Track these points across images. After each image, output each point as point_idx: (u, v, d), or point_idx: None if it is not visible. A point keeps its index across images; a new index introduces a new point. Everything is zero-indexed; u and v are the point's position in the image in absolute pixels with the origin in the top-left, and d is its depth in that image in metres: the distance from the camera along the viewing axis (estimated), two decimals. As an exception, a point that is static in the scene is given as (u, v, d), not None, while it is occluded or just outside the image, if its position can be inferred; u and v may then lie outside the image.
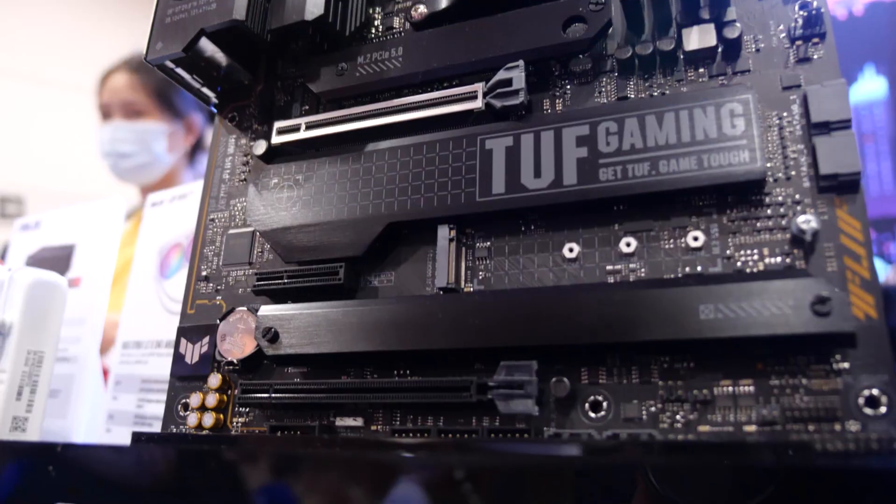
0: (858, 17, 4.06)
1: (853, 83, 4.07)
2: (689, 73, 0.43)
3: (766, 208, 0.39)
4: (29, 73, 4.11)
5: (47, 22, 4.17)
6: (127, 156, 1.46)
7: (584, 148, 0.42)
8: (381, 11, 0.54)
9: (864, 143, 4.00)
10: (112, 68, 1.52)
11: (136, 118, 1.47)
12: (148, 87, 1.46)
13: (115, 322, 0.89)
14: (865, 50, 4.05)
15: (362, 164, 0.47)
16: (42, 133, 4.16)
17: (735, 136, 0.39)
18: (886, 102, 4.00)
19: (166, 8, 0.51)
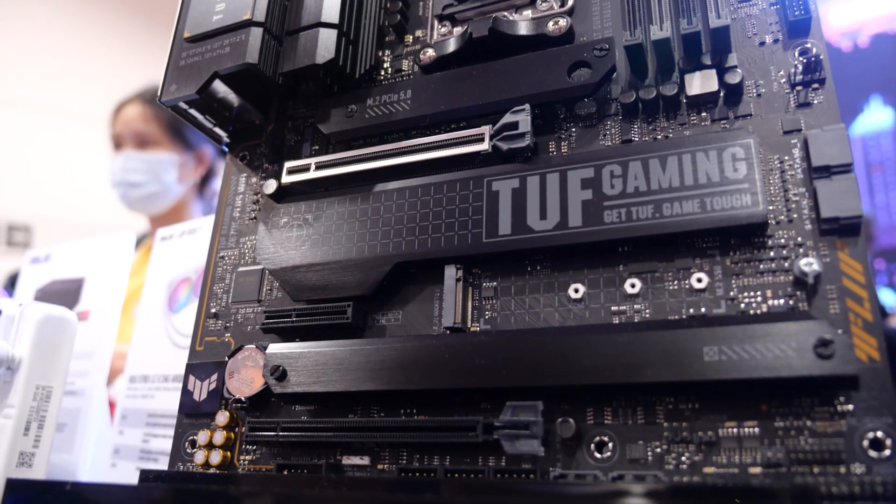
0: (864, 48, 4.09)
1: (859, 114, 4.09)
2: (692, 116, 0.44)
3: (769, 250, 0.39)
4: (40, 104, 4.17)
5: (60, 53, 4.24)
6: (137, 185, 1.48)
7: (588, 190, 0.42)
8: (390, 54, 0.55)
9: (872, 173, 4.01)
10: (126, 100, 1.55)
11: (148, 149, 1.49)
12: (160, 119, 1.49)
13: (121, 353, 0.90)
14: (871, 81, 4.08)
15: (371, 203, 0.48)
16: (50, 162, 4.21)
17: (737, 179, 0.39)
18: (894, 133, 4.01)
19: (181, 51, 0.53)
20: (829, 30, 4.20)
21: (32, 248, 4.29)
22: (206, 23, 0.52)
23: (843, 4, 4.23)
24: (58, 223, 4.24)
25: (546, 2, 0.50)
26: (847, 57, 4.12)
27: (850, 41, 4.14)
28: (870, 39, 4.10)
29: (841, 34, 4.18)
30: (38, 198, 4.19)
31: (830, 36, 4.16)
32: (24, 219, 4.14)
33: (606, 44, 0.45)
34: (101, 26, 4.45)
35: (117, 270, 0.80)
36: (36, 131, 4.09)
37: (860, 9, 4.18)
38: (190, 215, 1.58)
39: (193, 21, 0.53)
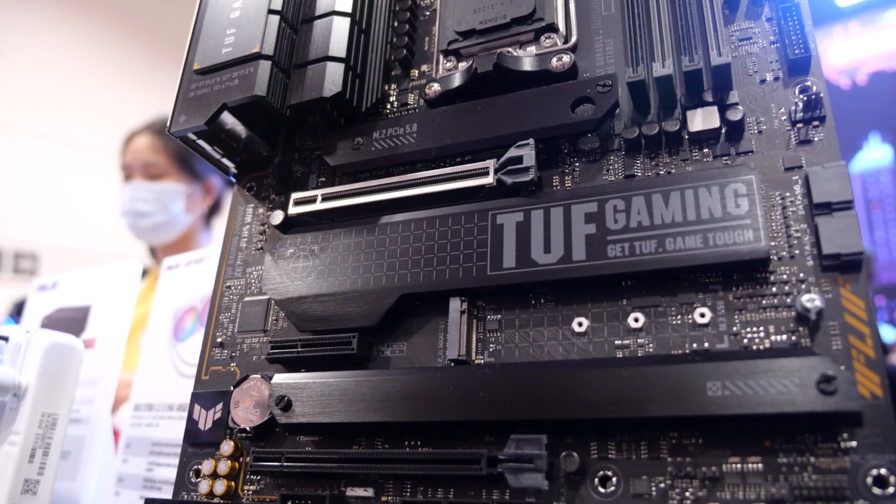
0: (862, 86, 4.13)
1: (859, 151, 4.11)
2: (694, 152, 0.45)
3: (771, 286, 0.40)
4: (48, 133, 4.21)
5: (68, 82, 4.29)
6: (145, 215, 1.49)
7: (592, 225, 0.43)
8: (396, 88, 0.56)
9: (872, 210, 4.02)
10: (135, 131, 1.57)
11: (156, 179, 1.51)
12: (168, 150, 1.51)
13: (126, 381, 0.90)
14: (870, 118, 4.11)
15: (376, 235, 0.49)
16: (57, 191, 4.24)
17: (739, 215, 0.40)
18: (893, 170, 4.03)
19: (190, 83, 0.54)
20: (828, 67, 4.25)
21: (39, 275, 4.30)
22: (216, 55, 0.53)
23: (841, 43, 4.28)
24: (64, 251, 4.26)
25: (550, 38, 0.51)
26: (846, 94, 4.16)
27: (849, 79, 4.18)
28: (868, 77, 4.14)
29: (839, 72, 4.22)
30: (44, 226, 4.21)
31: (829, 74, 4.20)
32: (31, 246, 4.15)
33: (609, 80, 0.46)
34: (111, 56, 4.51)
35: (123, 299, 0.80)
36: (43, 160, 4.13)
37: (858, 47, 4.23)
38: (197, 245, 1.59)
39: (203, 53, 0.54)
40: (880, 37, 4.21)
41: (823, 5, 4.26)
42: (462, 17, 0.53)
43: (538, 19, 0.51)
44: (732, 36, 0.47)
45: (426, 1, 0.59)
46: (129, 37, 4.63)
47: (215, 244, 1.60)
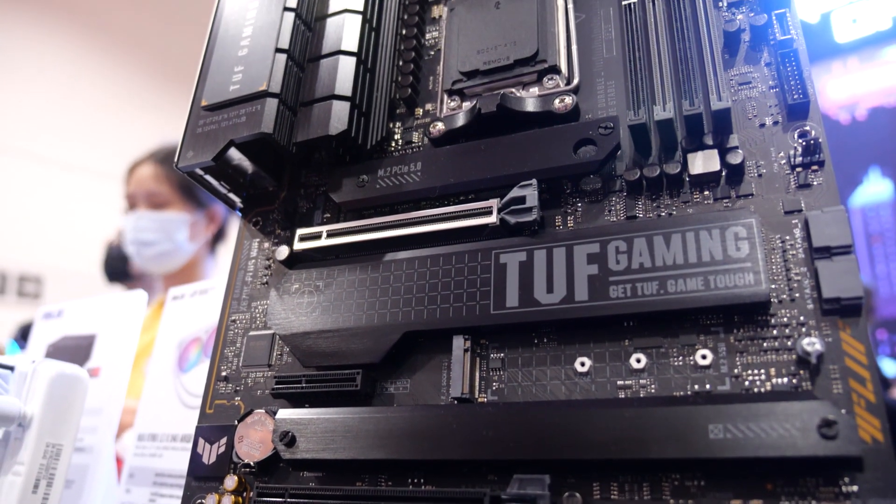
0: (861, 121, 4.16)
1: (859, 185, 4.13)
2: (695, 194, 0.45)
3: (772, 329, 0.40)
4: (53, 157, 4.24)
5: (73, 107, 4.33)
6: (150, 244, 1.50)
7: (594, 265, 0.43)
8: (400, 126, 0.57)
9: (872, 244, 4.03)
10: (139, 160, 1.58)
11: (160, 208, 1.52)
12: (172, 179, 1.52)
13: (130, 408, 0.90)
14: (870, 153, 4.13)
15: (381, 272, 0.49)
16: (62, 215, 4.26)
17: (740, 258, 0.40)
18: (893, 204, 4.05)
19: (198, 119, 0.55)
20: (828, 102, 4.28)
21: (43, 298, 4.31)
22: (224, 92, 0.54)
23: (840, 78, 4.32)
24: (69, 275, 4.26)
25: (552, 79, 0.52)
26: (845, 129, 4.19)
27: (848, 114, 4.22)
28: (867, 113, 4.18)
29: (839, 107, 4.25)
30: (49, 249, 4.23)
31: (829, 109, 4.24)
32: (36, 270, 4.16)
33: (611, 122, 0.47)
34: (117, 81, 4.56)
35: (129, 328, 0.81)
36: (48, 184, 4.16)
37: (857, 83, 4.27)
38: (202, 272, 1.60)
39: (211, 89, 0.55)
40: (879, 73, 4.26)
41: (822, 41, 4.31)
42: (466, 58, 0.54)
43: (541, 61, 0.52)
44: (732, 80, 0.48)
45: (431, 41, 0.60)
46: (135, 62, 4.68)
47: (220, 275, 1.60)
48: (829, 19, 4.32)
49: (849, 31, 4.32)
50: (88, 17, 4.48)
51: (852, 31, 4.31)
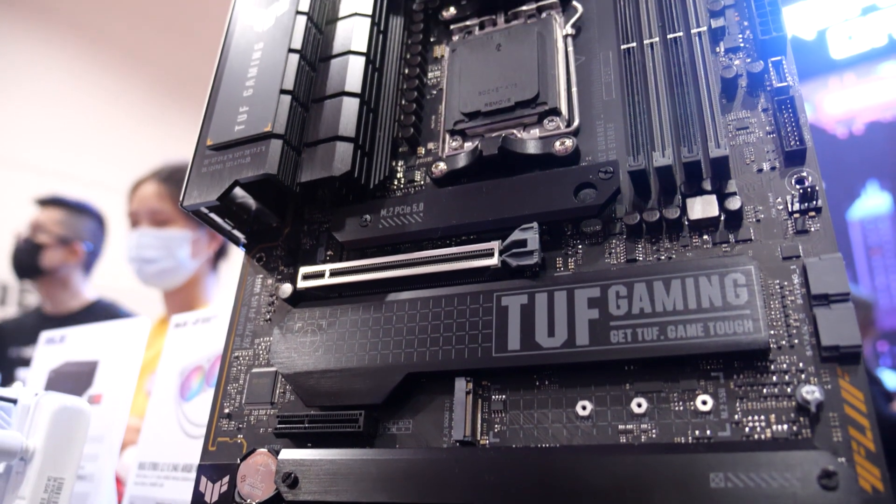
0: (859, 136, 4.18)
1: (857, 198, 4.15)
2: (694, 238, 0.46)
3: (772, 375, 0.40)
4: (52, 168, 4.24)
5: (73, 119, 4.34)
6: (152, 261, 1.52)
7: (595, 310, 0.44)
8: (403, 164, 0.58)
9: (872, 256, 4.05)
10: (141, 179, 1.60)
11: (162, 226, 1.53)
12: (174, 197, 1.54)
13: (133, 426, 0.90)
14: (868, 167, 4.16)
15: (383, 313, 0.50)
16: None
17: (739, 305, 0.41)
18: (891, 217, 4.07)
19: (203, 159, 0.55)
20: (825, 117, 4.31)
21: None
22: (229, 132, 0.55)
23: (837, 93, 4.34)
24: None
25: (553, 122, 0.53)
26: (843, 143, 4.22)
27: (846, 128, 4.24)
28: (864, 127, 4.20)
29: (836, 121, 4.28)
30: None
31: (826, 123, 4.26)
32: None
33: (611, 167, 0.47)
34: (118, 93, 4.57)
35: (131, 355, 0.81)
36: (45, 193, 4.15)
37: (854, 98, 4.30)
38: (204, 290, 1.61)
39: (216, 129, 0.56)
40: (875, 88, 4.28)
41: (819, 57, 4.34)
42: (468, 99, 0.55)
43: (541, 103, 0.53)
44: (730, 125, 0.48)
45: (433, 80, 0.61)
46: (136, 75, 4.69)
47: (221, 293, 1.61)
48: (825, 36, 4.36)
49: (845, 48, 4.35)
50: (89, 31, 4.49)
51: (848, 47, 4.34)
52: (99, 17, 4.52)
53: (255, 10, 0.60)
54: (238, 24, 0.60)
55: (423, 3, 0.64)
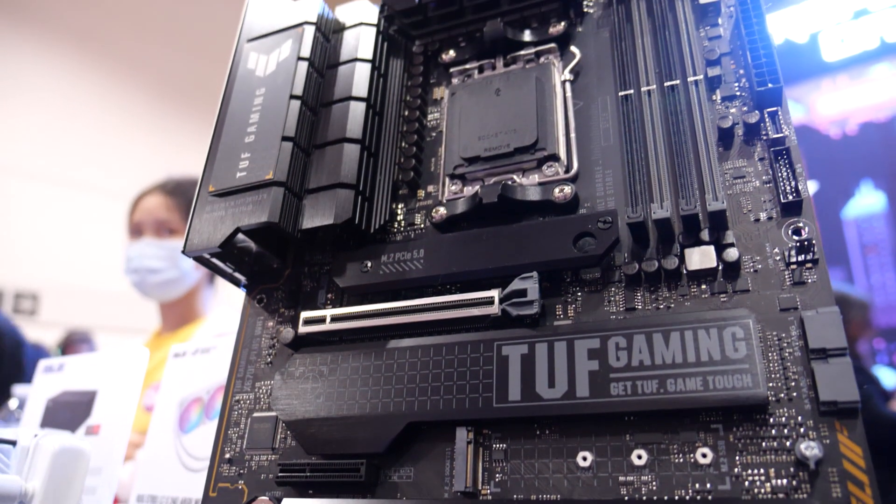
0: (852, 136, 4.21)
1: (851, 198, 4.17)
2: (693, 288, 0.46)
3: (771, 428, 0.41)
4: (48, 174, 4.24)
5: (70, 125, 4.33)
6: (156, 271, 1.52)
7: (595, 361, 0.44)
8: (403, 207, 0.58)
9: (867, 254, 4.07)
10: (145, 191, 1.60)
11: (168, 236, 1.54)
12: (181, 209, 1.55)
13: (134, 442, 0.91)
14: (862, 166, 4.18)
15: (384, 360, 0.50)
16: (58, 231, 4.25)
17: (738, 359, 0.41)
18: (886, 215, 4.10)
19: (205, 204, 0.55)
20: (818, 118, 4.33)
21: (39, 315, 4.28)
22: (230, 179, 0.55)
23: (830, 95, 4.37)
24: (65, 292, 4.25)
25: (551, 167, 0.53)
26: (837, 144, 4.24)
27: (839, 129, 4.27)
28: (858, 127, 4.22)
29: (830, 122, 4.31)
30: (46, 266, 4.22)
31: (819, 124, 4.28)
32: (32, 286, 4.15)
33: (609, 217, 0.48)
34: (117, 100, 4.57)
35: (130, 385, 0.81)
36: (45, 200, 4.15)
37: (847, 99, 4.33)
38: (200, 302, 1.61)
39: (218, 176, 0.56)
40: (868, 89, 4.31)
41: (811, 60, 4.36)
42: (468, 144, 0.55)
43: (540, 149, 0.53)
44: (727, 173, 0.49)
45: (433, 121, 0.62)
46: (135, 81, 4.69)
47: (217, 306, 1.61)
48: (817, 39, 4.38)
49: (837, 50, 4.38)
50: (90, 40, 4.49)
51: (840, 50, 4.36)
52: (100, 26, 4.51)
53: (256, 55, 0.60)
54: (240, 68, 0.60)
55: (423, 45, 0.64)
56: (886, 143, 4.19)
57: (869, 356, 3.54)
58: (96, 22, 4.53)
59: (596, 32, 0.59)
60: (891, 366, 3.84)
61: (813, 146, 4.17)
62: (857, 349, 2.55)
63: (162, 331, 1.63)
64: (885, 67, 4.39)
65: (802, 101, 4.37)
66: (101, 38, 4.57)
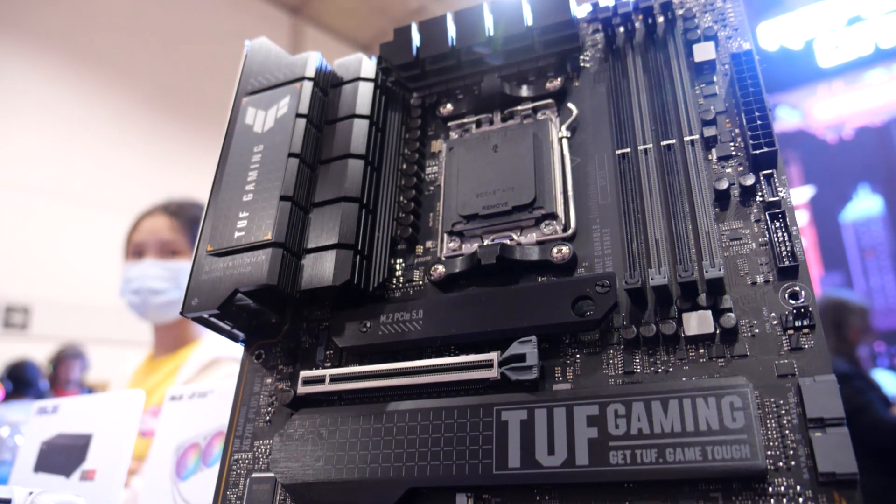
0: (848, 141, 4.22)
1: (849, 202, 4.19)
2: (691, 351, 0.46)
3: (770, 498, 0.41)
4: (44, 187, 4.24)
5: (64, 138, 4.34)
6: (159, 292, 1.52)
7: (594, 428, 0.44)
8: (402, 263, 0.58)
9: (866, 258, 4.08)
10: (147, 212, 1.60)
11: (171, 257, 1.53)
12: (185, 230, 1.55)
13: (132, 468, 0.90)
14: (859, 171, 4.20)
15: (384, 423, 0.50)
16: (50, 245, 4.24)
17: (736, 429, 0.41)
18: (883, 219, 4.11)
19: (203, 263, 0.55)
20: (814, 123, 4.34)
21: (30, 329, 4.28)
22: (228, 238, 0.55)
23: (826, 100, 4.38)
24: (57, 306, 4.24)
25: (550, 225, 0.53)
26: (833, 149, 4.26)
27: (836, 134, 4.28)
28: (854, 132, 4.24)
29: (826, 127, 4.32)
30: (37, 279, 4.21)
31: (816, 129, 4.29)
32: (23, 300, 4.14)
33: (608, 280, 0.48)
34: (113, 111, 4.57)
35: (125, 430, 0.81)
36: (35, 213, 4.15)
37: (843, 104, 4.34)
38: (195, 325, 1.60)
39: (216, 235, 0.56)
40: (863, 95, 4.33)
41: (807, 66, 4.38)
42: (466, 201, 0.56)
43: (538, 207, 0.53)
44: (724, 234, 0.49)
45: (431, 175, 0.62)
46: (130, 94, 4.69)
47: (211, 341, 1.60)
48: (812, 46, 4.40)
49: (832, 57, 4.40)
50: (86, 52, 4.49)
51: (835, 56, 4.39)
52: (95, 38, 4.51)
53: (255, 110, 0.60)
54: (238, 124, 0.60)
55: (421, 97, 0.64)
56: (883, 147, 4.21)
57: (869, 360, 3.55)
58: (91, 34, 4.54)
59: (592, 87, 0.60)
60: (891, 369, 3.85)
61: (810, 151, 4.19)
62: (858, 354, 2.55)
63: (156, 354, 1.62)
64: (879, 73, 4.41)
65: (799, 107, 4.39)
66: (97, 50, 4.58)
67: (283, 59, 0.63)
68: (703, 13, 0.59)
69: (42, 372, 3.47)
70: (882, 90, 4.26)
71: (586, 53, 0.62)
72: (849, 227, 4.24)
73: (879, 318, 3.91)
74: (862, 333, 2.56)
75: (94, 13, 4.46)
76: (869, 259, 4.20)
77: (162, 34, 4.81)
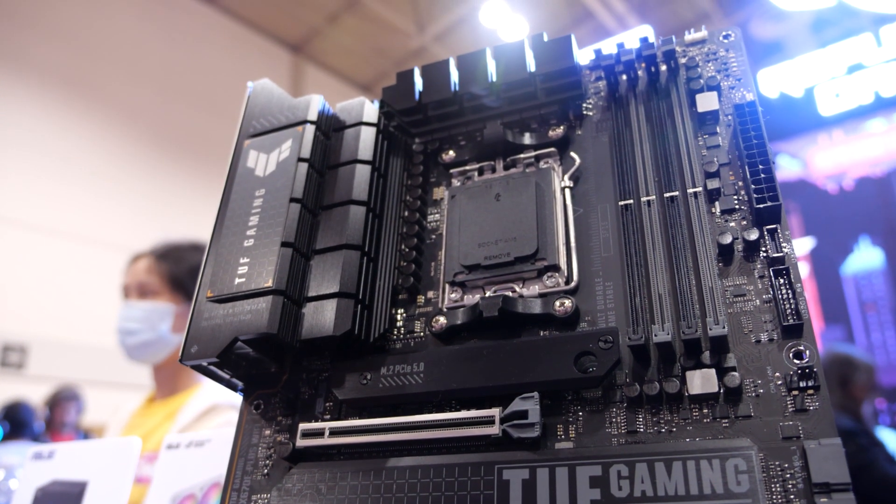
0: (849, 191, 4.24)
1: (849, 254, 4.18)
2: (694, 411, 0.46)
3: (777, 568, 0.40)
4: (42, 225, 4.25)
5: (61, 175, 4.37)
6: (133, 332, 1.51)
7: (597, 490, 0.44)
8: (403, 313, 0.58)
9: (867, 312, 4.06)
10: (139, 254, 1.61)
11: (148, 298, 1.54)
12: (162, 271, 1.55)
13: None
14: (859, 222, 4.20)
15: (383, 480, 0.49)
16: (48, 284, 4.24)
17: (741, 493, 0.41)
18: (884, 272, 4.10)
19: (203, 310, 0.55)
20: (815, 172, 4.37)
21: (27, 369, 4.25)
22: (229, 285, 0.55)
23: (826, 150, 4.42)
24: (54, 345, 4.22)
25: (552, 277, 0.53)
26: (834, 199, 4.28)
27: (836, 184, 4.30)
28: (854, 182, 4.26)
29: (826, 177, 4.35)
30: (35, 319, 4.20)
31: (816, 178, 4.31)
32: (21, 339, 4.13)
33: (611, 336, 0.47)
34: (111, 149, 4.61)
35: (121, 478, 0.79)
36: (33, 252, 4.15)
37: (843, 154, 4.37)
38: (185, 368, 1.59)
39: (216, 281, 0.56)
40: (864, 144, 4.36)
41: (807, 114, 4.42)
42: (467, 251, 0.55)
43: (541, 259, 0.53)
44: (727, 290, 0.49)
45: (433, 223, 0.62)
46: (129, 132, 4.74)
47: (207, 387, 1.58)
48: (813, 94, 4.46)
49: (832, 105, 4.45)
50: (85, 89, 4.55)
51: (836, 104, 4.43)
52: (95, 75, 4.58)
53: (256, 153, 0.61)
54: (240, 167, 0.60)
55: (423, 143, 0.65)
56: (883, 198, 4.22)
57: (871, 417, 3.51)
58: (93, 71, 4.60)
59: (595, 136, 0.60)
60: (894, 427, 3.80)
61: (810, 201, 4.20)
62: (862, 411, 2.52)
63: (155, 396, 1.61)
64: (880, 122, 4.45)
65: (799, 156, 4.42)
66: (98, 87, 4.63)
67: (286, 101, 0.63)
68: (706, 62, 0.59)
69: (37, 414, 3.45)
70: (883, 140, 4.29)
71: (589, 101, 0.62)
72: (849, 280, 4.23)
73: (881, 375, 3.88)
74: (867, 390, 2.53)
75: (95, 49, 4.53)
76: (870, 313, 4.18)
77: (162, 71, 4.88)
